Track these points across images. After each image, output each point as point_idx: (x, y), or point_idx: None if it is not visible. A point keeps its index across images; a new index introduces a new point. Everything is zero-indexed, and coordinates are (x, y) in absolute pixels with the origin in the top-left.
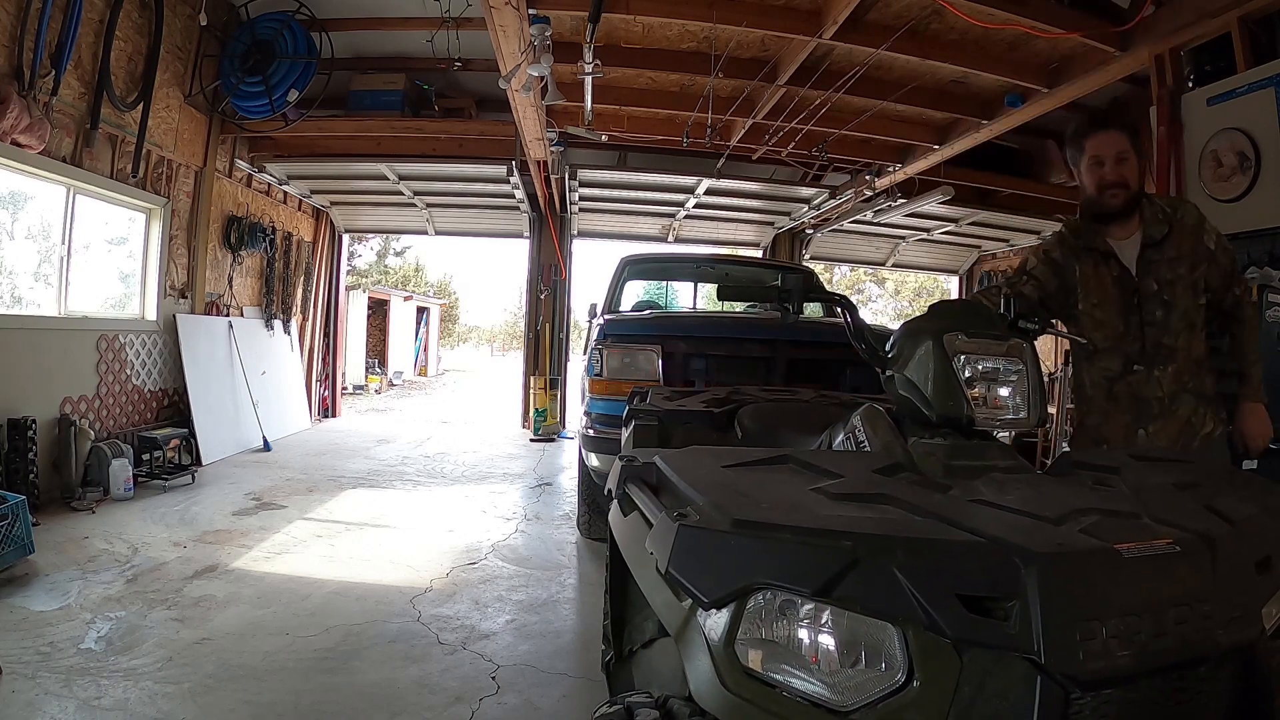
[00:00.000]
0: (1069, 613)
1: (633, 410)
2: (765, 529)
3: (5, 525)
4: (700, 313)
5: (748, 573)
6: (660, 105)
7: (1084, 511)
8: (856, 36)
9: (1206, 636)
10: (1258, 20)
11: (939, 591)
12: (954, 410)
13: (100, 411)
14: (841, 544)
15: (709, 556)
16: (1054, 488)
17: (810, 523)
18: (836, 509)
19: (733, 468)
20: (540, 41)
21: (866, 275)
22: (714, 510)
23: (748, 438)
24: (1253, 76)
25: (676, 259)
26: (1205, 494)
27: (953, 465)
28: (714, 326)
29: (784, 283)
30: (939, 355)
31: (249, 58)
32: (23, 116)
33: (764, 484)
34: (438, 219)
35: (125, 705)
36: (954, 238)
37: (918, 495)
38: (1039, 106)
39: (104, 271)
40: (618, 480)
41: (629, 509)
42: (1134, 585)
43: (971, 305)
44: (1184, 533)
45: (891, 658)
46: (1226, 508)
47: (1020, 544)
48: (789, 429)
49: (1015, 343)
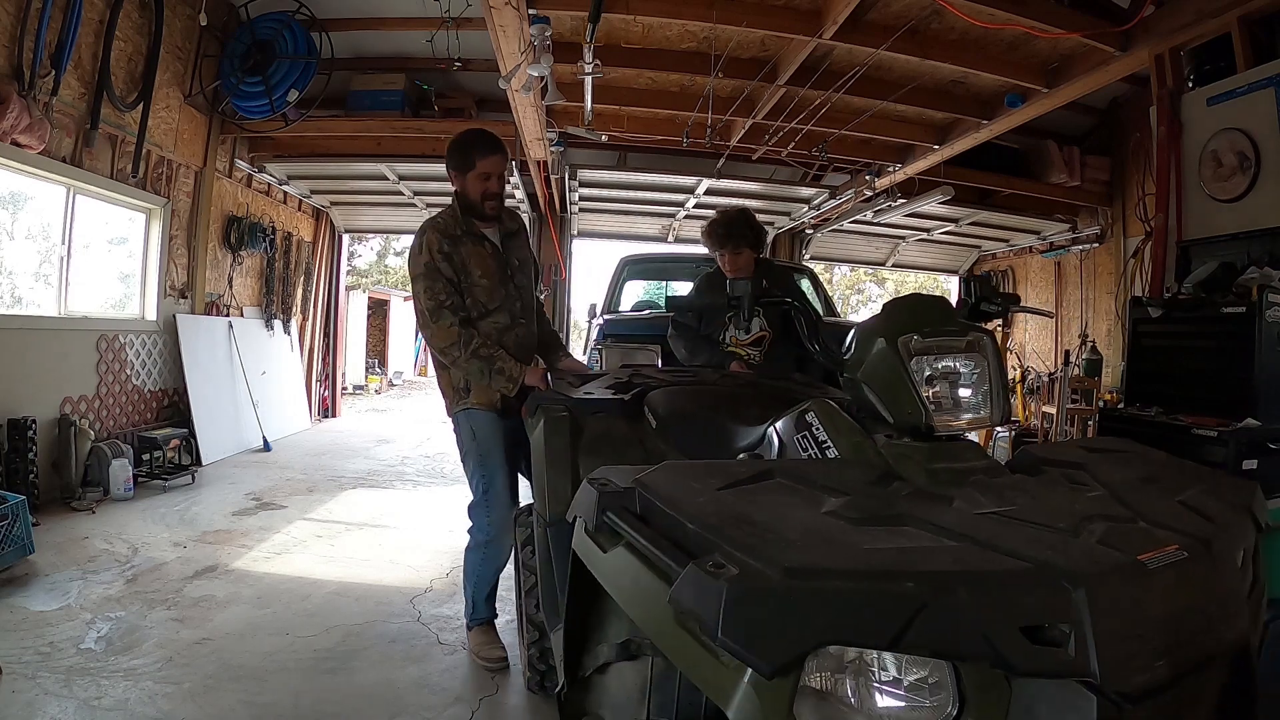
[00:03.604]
0: (1118, 631)
1: (536, 399)
2: (822, 578)
3: (5, 525)
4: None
5: (813, 631)
6: (660, 105)
7: (1089, 519)
8: (856, 36)
9: (1216, 637)
10: (1258, 20)
11: (1003, 626)
12: (912, 419)
13: (100, 411)
14: (906, 588)
15: (765, 617)
16: (1043, 492)
17: (861, 563)
18: (867, 538)
19: (726, 489)
20: (540, 41)
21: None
22: (756, 558)
23: (663, 426)
24: (1253, 76)
25: (676, 259)
26: (1169, 488)
27: (934, 469)
28: None
29: (733, 289)
30: (893, 361)
31: (249, 58)
32: (23, 116)
33: (771, 509)
34: None
35: (125, 705)
36: (954, 238)
37: (931, 512)
38: (1039, 106)
39: (104, 271)
40: (594, 509)
41: (610, 543)
42: (1162, 595)
43: (928, 300)
44: (1184, 537)
45: (941, 691)
46: (1199, 504)
47: (1064, 566)
48: (710, 417)
49: (975, 337)
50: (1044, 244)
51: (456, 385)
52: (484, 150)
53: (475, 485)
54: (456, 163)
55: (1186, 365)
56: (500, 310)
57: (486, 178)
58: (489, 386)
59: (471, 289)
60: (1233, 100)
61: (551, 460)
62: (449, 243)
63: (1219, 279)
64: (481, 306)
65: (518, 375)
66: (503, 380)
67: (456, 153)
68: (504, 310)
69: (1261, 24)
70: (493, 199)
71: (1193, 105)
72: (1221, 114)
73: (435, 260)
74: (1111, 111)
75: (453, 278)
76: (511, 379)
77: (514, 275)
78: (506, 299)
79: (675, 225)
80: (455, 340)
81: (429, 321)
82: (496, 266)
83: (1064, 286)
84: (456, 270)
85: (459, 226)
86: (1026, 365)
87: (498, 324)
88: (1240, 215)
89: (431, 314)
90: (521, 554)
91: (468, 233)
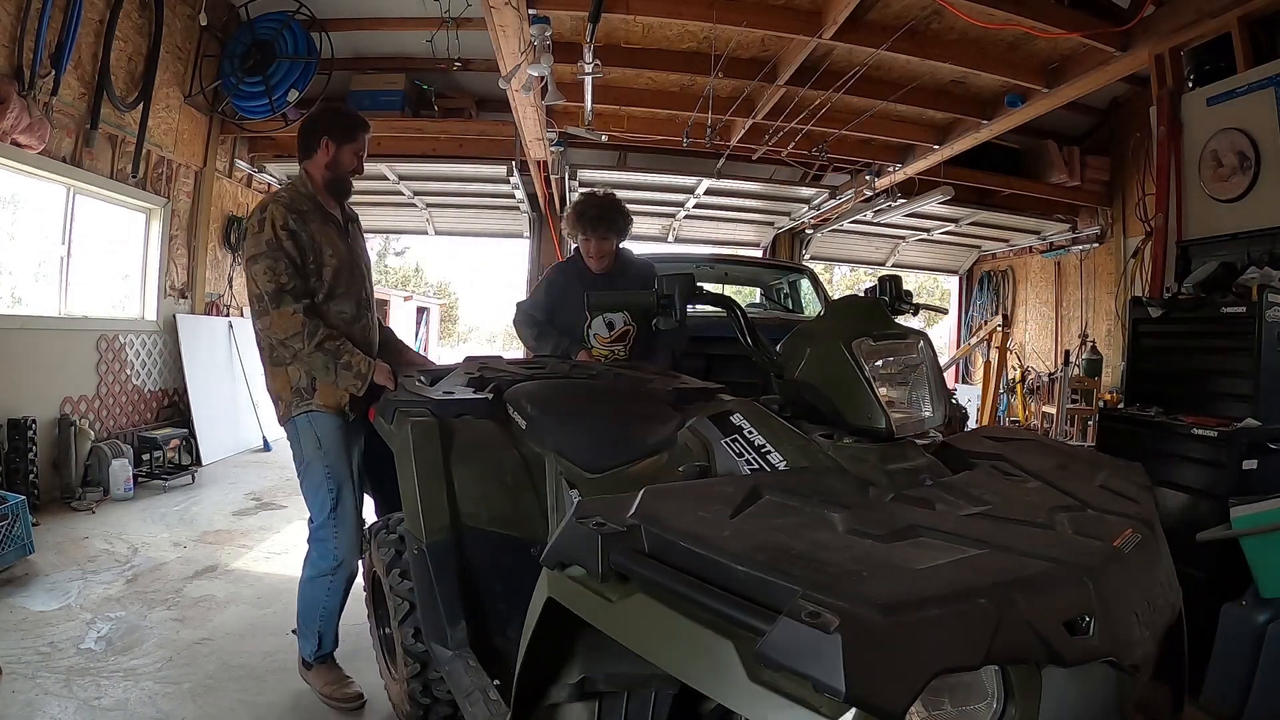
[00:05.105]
0: (1119, 612)
1: (392, 402)
2: (914, 610)
3: (5, 525)
4: (699, 313)
5: (922, 665)
6: (660, 105)
7: (1053, 510)
8: (856, 36)
9: (1170, 604)
10: (1258, 20)
11: (1052, 624)
12: (872, 423)
13: (100, 411)
14: (981, 606)
15: (880, 660)
16: (997, 486)
17: (933, 588)
18: (905, 557)
19: (738, 516)
20: (540, 41)
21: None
22: (841, 599)
23: (537, 427)
24: (1253, 76)
25: (676, 259)
26: (1084, 474)
27: (891, 471)
28: (713, 326)
29: (663, 287)
30: (849, 364)
31: (249, 58)
32: (23, 116)
33: (798, 536)
34: (438, 219)
35: (125, 705)
36: (954, 238)
37: (927, 518)
38: (1039, 106)
39: (104, 271)
40: (598, 554)
41: (619, 591)
42: (1136, 575)
43: (869, 302)
44: (1132, 520)
45: (985, 691)
46: (1118, 488)
47: (1078, 561)
48: (599, 417)
49: (915, 339)
50: (1044, 244)
51: (297, 384)
52: (365, 127)
53: (319, 502)
54: (337, 133)
55: (1186, 365)
56: (347, 297)
57: (360, 154)
58: (334, 385)
59: (320, 270)
60: (1233, 100)
61: (424, 473)
62: (296, 218)
63: (1219, 279)
64: (328, 290)
65: (367, 371)
66: (350, 377)
67: (338, 123)
68: (350, 298)
69: (1261, 24)
70: (355, 176)
71: (1193, 105)
72: (1221, 114)
73: (279, 237)
74: (1111, 111)
75: (297, 258)
76: (360, 375)
77: (359, 262)
78: (354, 286)
79: (675, 225)
80: (299, 330)
81: (268, 307)
82: (346, 250)
83: (1064, 286)
84: (303, 250)
85: (308, 202)
86: (1027, 365)
87: (344, 314)
88: (1240, 215)
89: (272, 298)
90: (387, 578)
91: (318, 209)
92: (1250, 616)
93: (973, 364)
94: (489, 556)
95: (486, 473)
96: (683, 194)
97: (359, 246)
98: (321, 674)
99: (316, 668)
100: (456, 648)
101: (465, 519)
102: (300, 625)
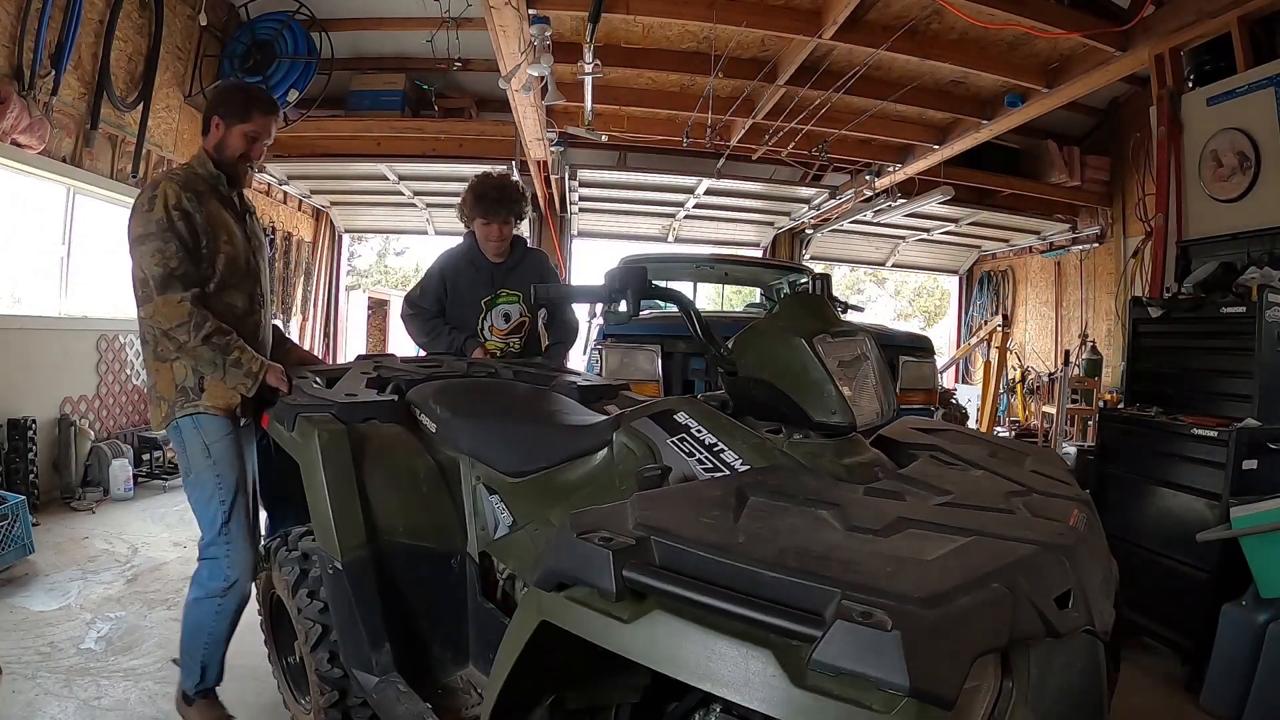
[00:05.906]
0: (1091, 585)
1: (291, 406)
2: (949, 600)
3: (5, 525)
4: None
5: (963, 653)
6: (660, 105)
7: (1007, 496)
8: (856, 36)
9: (1115, 576)
10: (1258, 20)
11: (1049, 602)
12: (836, 417)
13: (100, 411)
14: (1001, 591)
15: (930, 650)
16: (952, 476)
17: (950, 579)
18: (911, 549)
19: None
20: (540, 41)
21: (867, 275)
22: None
23: (449, 430)
24: (1253, 76)
25: (676, 259)
26: (1013, 460)
27: (850, 465)
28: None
29: (618, 282)
30: (811, 360)
31: (249, 58)
32: (23, 116)
33: (809, 536)
34: (438, 219)
35: (125, 705)
36: (954, 238)
37: (909, 510)
38: (1039, 106)
39: (104, 271)
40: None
41: (633, 610)
42: (1092, 552)
43: (819, 299)
44: (1074, 502)
45: (983, 672)
46: (1047, 472)
47: (1054, 542)
48: (520, 419)
49: (861, 336)
50: (1044, 244)
51: (182, 383)
52: (264, 108)
53: (209, 517)
54: (228, 111)
55: (1186, 365)
56: (239, 290)
57: (255, 138)
58: (224, 383)
59: (214, 257)
60: (1233, 100)
61: (335, 485)
62: (191, 198)
63: (1219, 279)
64: (220, 279)
65: (258, 371)
66: (240, 375)
67: (232, 100)
68: (243, 291)
69: (1261, 24)
70: (251, 164)
71: (1193, 105)
72: (1221, 114)
73: (171, 218)
74: (1111, 111)
75: (189, 241)
76: (251, 375)
77: (256, 254)
78: (248, 278)
79: (675, 225)
80: (184, 320)
81: (152, 293)
82: (243, 239)
83: (1064, 286)
84: (196, 234)
85: (204, 183)
86: (1027, 365)
87: (235, 307)
88: (1240, 215)
89: (158, 283)
90: (293, 600)
91: (214, 191)
92: (1250, 616)
93: (973, 364)
94: (409, 571)
95: (401, 482)
96: (683, 194)
97: (257, 238)
98: (202, 710)
99: (197, 703)
100: (382, 673)
101: (383, 533)
102: (183, 654)
